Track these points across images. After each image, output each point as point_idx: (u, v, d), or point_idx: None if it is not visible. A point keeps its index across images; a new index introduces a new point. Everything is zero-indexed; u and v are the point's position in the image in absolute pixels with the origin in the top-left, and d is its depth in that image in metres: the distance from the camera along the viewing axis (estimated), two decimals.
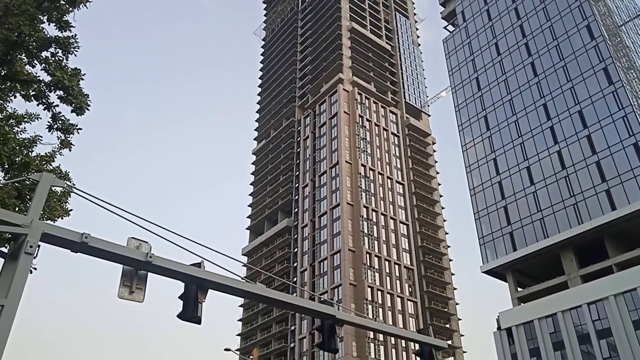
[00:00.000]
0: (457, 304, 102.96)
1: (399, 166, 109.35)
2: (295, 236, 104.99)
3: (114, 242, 9.74)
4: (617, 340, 52.59)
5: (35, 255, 8.64)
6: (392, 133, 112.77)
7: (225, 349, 38.06)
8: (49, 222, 12.03)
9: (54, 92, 12.92)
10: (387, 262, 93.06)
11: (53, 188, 12.05)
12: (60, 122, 13.03)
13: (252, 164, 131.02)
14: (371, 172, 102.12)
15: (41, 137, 13.23)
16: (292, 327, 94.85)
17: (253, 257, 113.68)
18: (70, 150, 13.30)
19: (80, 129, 13.31)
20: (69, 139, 13.22)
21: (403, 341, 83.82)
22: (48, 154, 13.36)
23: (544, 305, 60.14)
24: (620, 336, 52.40)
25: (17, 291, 8.07)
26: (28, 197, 12.68)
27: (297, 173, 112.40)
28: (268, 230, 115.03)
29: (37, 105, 13.02)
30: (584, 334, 55.76)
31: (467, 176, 77.76)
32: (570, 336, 56.55)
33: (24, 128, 13.05)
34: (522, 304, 64.87)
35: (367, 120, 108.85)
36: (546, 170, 67.20)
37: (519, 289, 67.28)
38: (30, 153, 13.10)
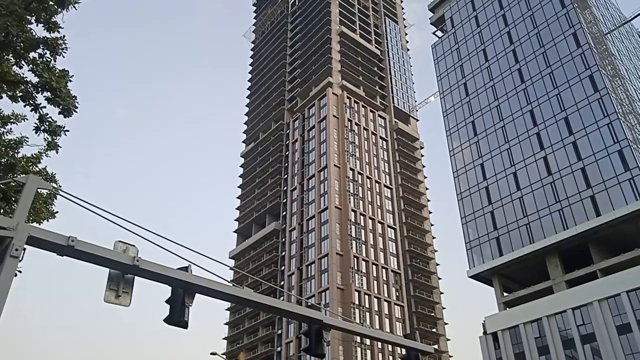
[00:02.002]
0: (443, 308, 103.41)
1: (387, 170, 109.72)
2: (283, 239, 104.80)
3: (100, 246, 9.67)
4: (601, 346, 53.15)
5: (20, 259, 8.55)
6: (381, 137, 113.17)
7: (212, 353, 37.86)
8: (34, 224, 11.92)
9: (42, 94, 12.80)
10: (374, 266, 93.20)
11: (39, 190, 11.93)
12: (47, 123, 12.91)
13: (241, 166, 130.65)
14: (359, 175, 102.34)
15: (27, 138, 13.10)
16: (279, 331, 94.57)
17: (240, 261, 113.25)
18: (57, 152, 13.18)
19: (68, 130, 13.20)
20: (55, 140, 13.10)
21: (390, 346, 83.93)
22: (34, 155, 13.22)
23: (529, 310, 60.63)
24: (604, 341, 52.96)
25: (1, 294, 7.99)
26: (13, 199, 12.54)
27: (286, 176, 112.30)
28: (256, 234, 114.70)
29: (24, 106, 12.89)
30: (569, 339, 56.28)
31: (455, 181, 78.29)
32: (555, 341, 57.06)
33: (10, 129, 12.92)
34: (507, 308, 65.35)
35: (356, 124, 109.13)
36: (532, 176, 67.87)
37: (505, 294, 67.79)
38: (16, 154, 12.96)
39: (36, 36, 12.64)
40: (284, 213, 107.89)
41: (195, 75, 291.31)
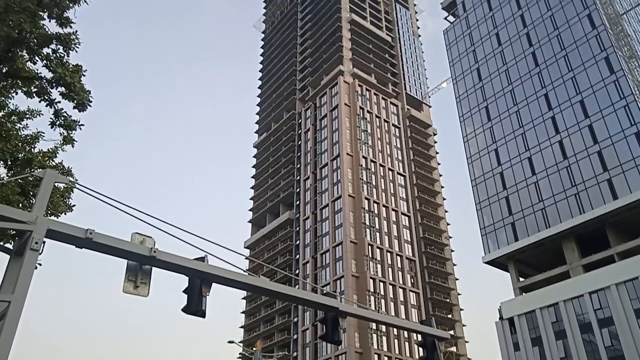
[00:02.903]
0: (459, 294, 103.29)
1: (400, 158, 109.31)
2: (297, 228, 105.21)
3: (118, 238, 9.82)
4: (619, 329, 52.79)
5: (40, 252, 8.72)
6: (393, 125, 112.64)
7: (229, 341, 38.33)
8: (53, 218, 12.12)
9: (56, 89, 12.96)
10: (389, 254, 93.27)
11: (56, 184, 12.11)
12: (62, 118, 13.08)
13: (254, 157, 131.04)
14: (372, 164, 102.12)
15: (43, 133, 13.28)
16: (295, 319, 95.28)
17: (255, 250, 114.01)
18: (72, 146, 13.36)
19: (83, 125, 13.36)
20: (71, 135, 13.27)
21: (405, 332, 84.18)
22: (50, 150, 13.41)
23: (545, 295, 60.34)
24: (622, 325, 52.59)
25: (23, 287, 8.16)
26: (31, 193, 12.76)
27: (299, 166, 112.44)
28: (270, 223, 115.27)
29: (39, 101, 13.06)
30: (586, 323, 55.97)
31: (469, 167, 77.77)
32: (572, 325, 56.79)
33: (26, 125, 13.11)
34: (523, 293, 65.07)
35: (368, 112, 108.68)
36: (547, 160, 67.17)
37: (521, 279, 67.48)
38: (32, 149, 13.16)
39: (49, 32, 12.77)
40: (298, 202, 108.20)
41: (206, 68, 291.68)
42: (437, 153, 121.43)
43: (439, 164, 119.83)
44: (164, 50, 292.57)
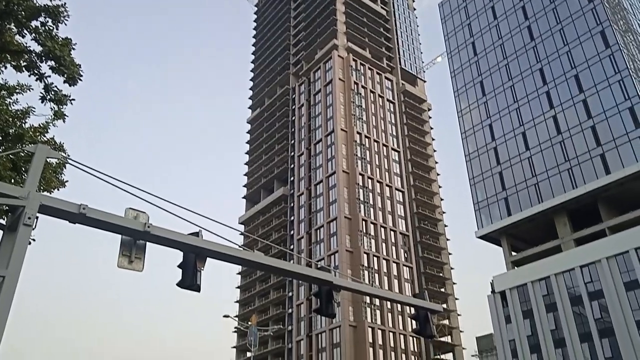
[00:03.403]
0: (452, 268, 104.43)
1: (394, 133, 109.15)
2: (292, 204, 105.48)
3: (111, 213, 9.79)
4: (609, 302, 53.75)
5: (34, 227, 8.70)
6: (388, 100, 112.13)
7: (224, 316, 38.75)
8: (45, 193, 12.05)
9: (45, 63, 12.74)
10: (382, 229, 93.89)
11: (48, 159, 12.03)
12: (52, 93, 12.89)
13: (247, 132, 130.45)
14: (367, 139, 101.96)
15: (34, 108, 13.11)
16: (290, 294, 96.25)
17: (250, 226, 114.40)
18: (64, 121, 13.21)
19: (74, 99, 13.19)
20: (62, 109, 13.10)
21: (399, 306, 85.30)
22: (42, 125, 13.26)
23: (537, 269, 61.17)
24: (612, 298, 53.53)
25: (17, 262, 8.16)
26: (23, 169, 12.66)
27: (293, 141, 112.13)
28: (264, 199, 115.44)
29: (29, 76, 12.85)
30: (576, 296, 56.92)
31: (463, 142, 77.88)
32: (562, 298, 57.74)
33: (17, 99, 12.92)
34: (516, 267, 65.92)
35: (362, 87, 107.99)
36: (541, 135, 67.32)
37: (513, 254, 68.26)
38: (23, 124, 13.00)
39: (37, 4, 12.50)
40: (292, 178, 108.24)
41: (197, 43, 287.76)
42: (431, 129, 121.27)
43: (433, 139, 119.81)
44: (154, 24, 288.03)
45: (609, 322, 53.47)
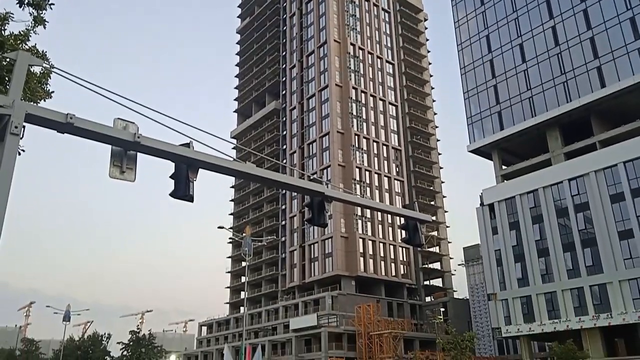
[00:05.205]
0: (442, 182, 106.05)
1: (389, 45, 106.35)
2: (284, 119, 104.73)
3: (100, 123, 9.61)
4: (594, 214, 55.33)
5: (21, 136, 8.57)
6: (383, 9, 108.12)
7: (219, 227, 39.56)
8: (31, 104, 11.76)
9: None
10: (375, 144, 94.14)
11: (32, 68, 11.64)
12: None
13: (237, 43, 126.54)
14: (361, 51, 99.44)
15: (12, 14, 12.48)
16: (283, 207, 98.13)
17: (242, 140, 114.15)
18: (44, 27, 12.61)
19: (53, 4, 12.51)
20: (41, 15, 12.47)
21: (389, 218, 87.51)
22: (22, 32, 12.72)
23: (526, 182, 62.29)
24: (597, 209, 55.05)
25: (7, 171, 8.11)
26: (7, 78, 12.26)
27: (284, 53, 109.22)
28: (256, 113, 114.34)
29: None
30: (563, 208, 58.48)
31: (459, 54, 76.18)
32: (549, 210, 59.33)
33: None
34: (505, 181, 67.03)
35: None
36: (539, 47, 65.87)
37: (504, 167, 69.12)
38: (3, 31, 12.44)
39: None
40: (284, 92, 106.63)
41: None
42: (427, 40, 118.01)
43: (428, 51, 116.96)
44: None
45: (592, 232, 55.35)
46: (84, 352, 71.41)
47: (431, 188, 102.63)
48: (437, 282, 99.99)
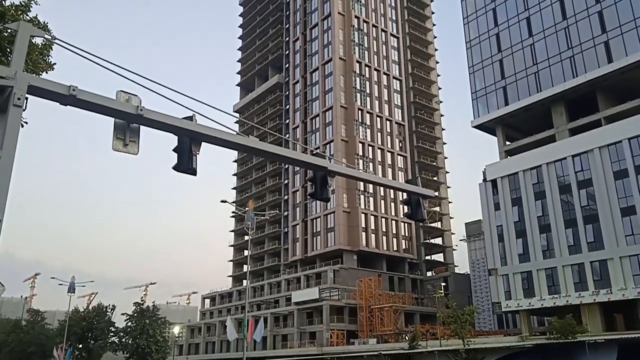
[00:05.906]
0: (445, 158, 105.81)
1: (393, 18, 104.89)
2: (287, 93, 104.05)
3: (102, 95, 9.58)
4: (597, 190, 55.21)
5: (24, 108, 8.55)
6: None
7: (222, 201, 39.68)
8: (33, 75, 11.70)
9: None
10: (378, 118, 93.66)
11: (33, 40, 11.58)
12: None
13: (240, 15, 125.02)
14: (365, 24, 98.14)
15: None
16: (286, 181, 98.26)
17: (244, 115, 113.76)
18: None
19: None
20: None
21: (392, 193, 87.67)
22: (23, 2, 12.64)
23: (529, 158, 62.03)
24: (600, 186, 54.91)
25: (11, 143, 8.12)
26: (9, 50, 12.20)
27: (287, 26, 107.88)
28: (259, 87, 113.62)
29: None
30: (566, 185, 58.35)
31: (465, 28, 75.10)
32: (552, 186, 59.21)
33: None
34: (509, 157, 66.79)
35: None
36: (546, 21, 64.84)
37: (508, 143, 68.78)
38: (3, 2, 12.35)
39: None
40: (287, 65, 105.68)
41: None
42: (433, 13, 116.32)
43: (434, 24, 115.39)
44: None
45: (594, 209, 55.36)
46: (88, 322, 72.56)
47: (434, 164, 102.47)
48: (439, 257, 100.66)
